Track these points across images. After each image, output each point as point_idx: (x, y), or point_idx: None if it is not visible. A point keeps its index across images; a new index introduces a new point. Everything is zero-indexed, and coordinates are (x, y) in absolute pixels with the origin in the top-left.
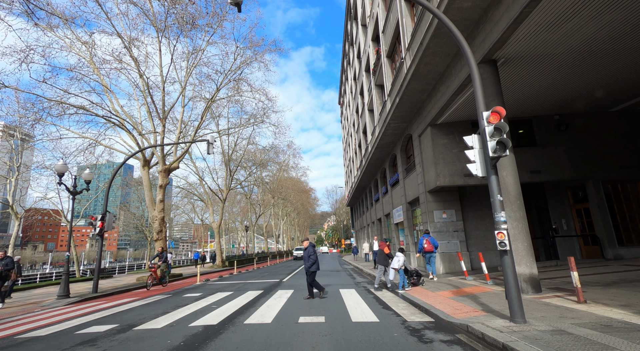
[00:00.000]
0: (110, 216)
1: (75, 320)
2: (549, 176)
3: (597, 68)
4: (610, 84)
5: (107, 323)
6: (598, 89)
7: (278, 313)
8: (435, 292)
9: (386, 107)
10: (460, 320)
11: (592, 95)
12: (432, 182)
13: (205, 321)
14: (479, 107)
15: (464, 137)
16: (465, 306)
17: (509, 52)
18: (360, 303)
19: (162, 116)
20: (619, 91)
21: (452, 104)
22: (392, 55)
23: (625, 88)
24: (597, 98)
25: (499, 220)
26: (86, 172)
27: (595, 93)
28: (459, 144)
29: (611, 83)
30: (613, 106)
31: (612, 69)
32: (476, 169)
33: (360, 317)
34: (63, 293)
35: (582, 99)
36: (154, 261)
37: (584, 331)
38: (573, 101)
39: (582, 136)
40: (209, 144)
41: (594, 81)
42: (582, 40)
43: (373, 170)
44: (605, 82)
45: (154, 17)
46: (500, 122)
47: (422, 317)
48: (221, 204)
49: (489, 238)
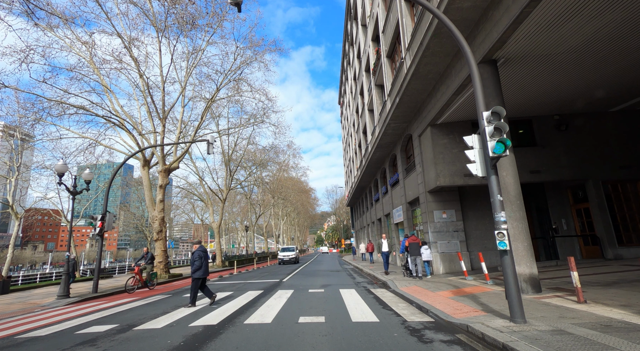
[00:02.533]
0: (110, 216)
1: (75, 320)
2: (549, 176)
3: (597, 68)
4: (610, 84)
5: (107, 323)
6: (598, 89)
7: (278, 313)
8: (436, 292)
9: (386, 107)
10: (460, 320)
11: (592, 95)
12: (432, 182)
13: (205, 321)
14: (479, 107)
15: (464, 137)
16: (465, 306)
17: (509, 52)
18: (360, 303)
19: (162, 116)
20: (619, 90)
21: (452, 104)
22: (392, 56)
23: (625, 88)
24: (597, 98)
25: (499, 220)
26: (86, 172)
27: (595, 93)
28: (458, 144)
29: (611, 83)
30: (613, 106)
31: (612, 69)
32: (476, 169)
33: (360, 317)
34: (63, 293)
35: (582, 99)
36: (139, 263)
37: (584, 332)
38: (573, 100)
39: (582, 136)
40: (209, 144)
41: (594, 81)
42: (582, 40)
43: (373, 170)
44: (605, 82)
45: (154, 17)
46: (501, 122)
47: (422, 317)
48: (221, 204)
49: (488, 238)
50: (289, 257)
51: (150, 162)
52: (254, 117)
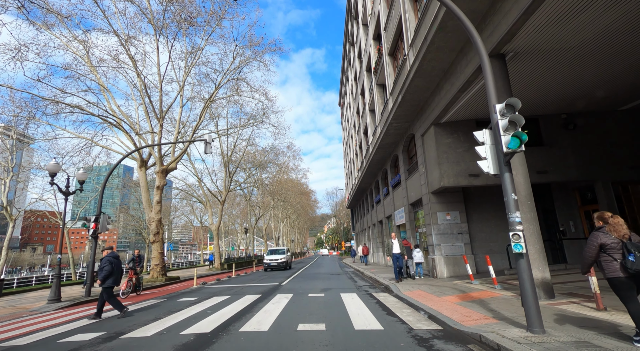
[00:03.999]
0: (104, 218)
1: (61, 327)
2: (556, 176)
3: (609, 64)
4: (621, 81)
5: (94, 330)
6: (608, 87)
7: (276, 320)
8: (441, 297)
9: (388, 106)
10: (471, 328)
11: (601, 93)
12: (435, 183)
13: (198, 329)
14: (490, 99)
15: (474, 132)
16: (475, 312)
17: (518, 46)
18: (363, 308)
19: (160, 115)
20: (629, 88)
21: (457, 102)
22: (394, 53)
23: (636, 86)
24: (606, 96)
25: (513, 221)
26: (80, 173)
27: (605, 91)
28: (463, 144)
29: (622, 80)
30: (623, 105)
31: (624, 65)
32: (487, 166)
33: (364, 324)
34: (54, 297)
35: (591, 97)
36: (131, 266)
37: (613, 344)
38: (582, 98)
39: (590, 135)
40: (207, 144)
41: (604, 78)
42: (594, 33)
43: (374, 171)
44: (616, 79)
45: (151, 16)
46: (515, 115)
47: (430, 324)
48: (220, 206)
49: (494, 240)
50: (277, 261)
51: (147, 163)
52: (253, 117)
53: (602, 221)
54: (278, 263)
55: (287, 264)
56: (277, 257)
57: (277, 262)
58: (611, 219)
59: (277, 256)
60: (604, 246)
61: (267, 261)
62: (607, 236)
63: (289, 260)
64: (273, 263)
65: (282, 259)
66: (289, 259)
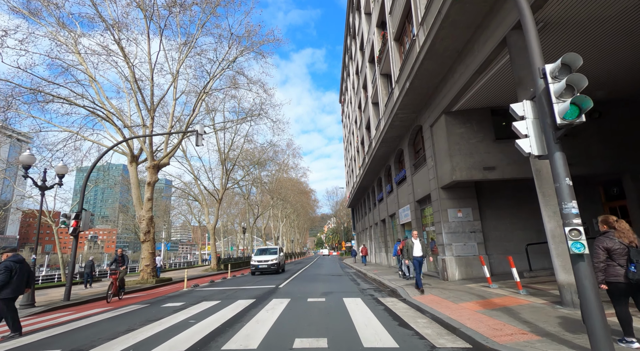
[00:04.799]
0: (87, 214)
1: (18, 340)
2: (580, 169)
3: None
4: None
5: (49, 346)
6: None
7: (268, 333)
8: (458, 304)
9: (393, 96)
10: (509, 346)
11: (633, 76)
12: (446, 177)
13: (172, 345)
14: (534, 60)
15: (512, 105)
16: (506, 324)
17: (549, 15)
18: (371, 317)
19: (151, 107)
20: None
21: (472, 87)
22: (400, 38)
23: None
24: (638, 80)
25: (569, 212)
26: (59, 166)
27: (637, 74)
28: (477, 134)
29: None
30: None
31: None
32: (529, 146)
33: (373, 340)
34: (27, 301)
35: (621, 81)
36: (114, 267)
37: None
38: (610, 83)
39: (618, 124)
40: (198, 135)
41: (638, 58)
42: None
43: (377, 168)
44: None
45: (141, 1)
46: (575, 75)
47: (454, 340)
48: (217, 205)
49: (509, 239)
50: (266, 263)
51: (138, 158)
52: (251, 112)
53: (607, 226)
54: (268, 265)
55: (280, 266)
56: (267, 258)
57: (266, 264)
58: (617, 224)
59: (267, 256)
60: (609, 251)
61: (254, 262)
62: (612, 240)
63: (282, 262)
64: (262, 265)
65: (274, 260)
66: (282, 260)
